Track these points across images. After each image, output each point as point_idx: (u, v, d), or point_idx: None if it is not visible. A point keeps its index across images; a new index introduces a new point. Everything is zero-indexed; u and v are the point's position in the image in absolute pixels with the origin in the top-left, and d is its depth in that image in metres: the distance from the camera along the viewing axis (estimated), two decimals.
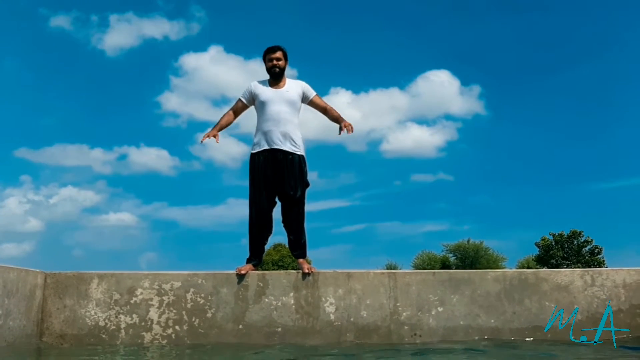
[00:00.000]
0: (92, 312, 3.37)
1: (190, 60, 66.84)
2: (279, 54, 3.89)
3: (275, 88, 3.88)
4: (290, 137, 3.78)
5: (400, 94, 63.78)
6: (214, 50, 66.84)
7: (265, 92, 3.87)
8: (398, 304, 3.45)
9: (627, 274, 3.56)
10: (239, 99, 3.98)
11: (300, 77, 4.02)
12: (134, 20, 64.45)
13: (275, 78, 3.89)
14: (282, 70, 3.90)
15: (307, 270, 3.48)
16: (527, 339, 3.39)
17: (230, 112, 4.01)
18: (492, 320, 3.46)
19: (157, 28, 70.71)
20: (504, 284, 3.51)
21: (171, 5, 66.70)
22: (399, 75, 76.24)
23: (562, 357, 2.93)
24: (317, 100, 4.00)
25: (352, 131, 3.80)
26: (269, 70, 3.90)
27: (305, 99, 3.97)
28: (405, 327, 3.42)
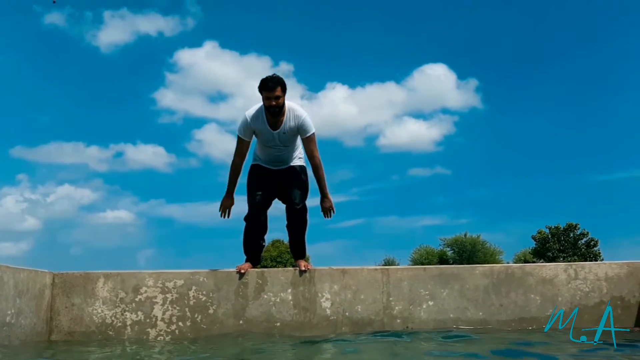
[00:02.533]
0: (99, 310, 3.53)
1: (185, 56, 67.09)
2: (277, 92, 3.52)
3: (273, 128, 3.68)
4: (290, 159, 3.91)
5: (396, 88, 63.92)
6: (209, 46, 67.01)
7: (263, 132, 3.72)
8: (391, 299, 3.62)
9: (609, 267, 3.73)
10: (241, 139, 3.75)
11: (296, 72, 4.04)
12: (128, 17, 64.49)
13: (274, 117, 3.64)
14: (281, 107, 3.61)
15: (303, 268, 3.65)
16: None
17: (239, 158, 3.80)
18: (480, 313, 3.63)
19: (152, 24, 70.77)
20: (492, 279, 3.69)
21: (165, 0, 66.54)
22: (395, 69, 76.53)
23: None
24: (308, 143, 3.75)
25: (330, 217, 3.87)
26: (266, 108, 3.60)
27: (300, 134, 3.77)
28: (398, 320, 3.59)
